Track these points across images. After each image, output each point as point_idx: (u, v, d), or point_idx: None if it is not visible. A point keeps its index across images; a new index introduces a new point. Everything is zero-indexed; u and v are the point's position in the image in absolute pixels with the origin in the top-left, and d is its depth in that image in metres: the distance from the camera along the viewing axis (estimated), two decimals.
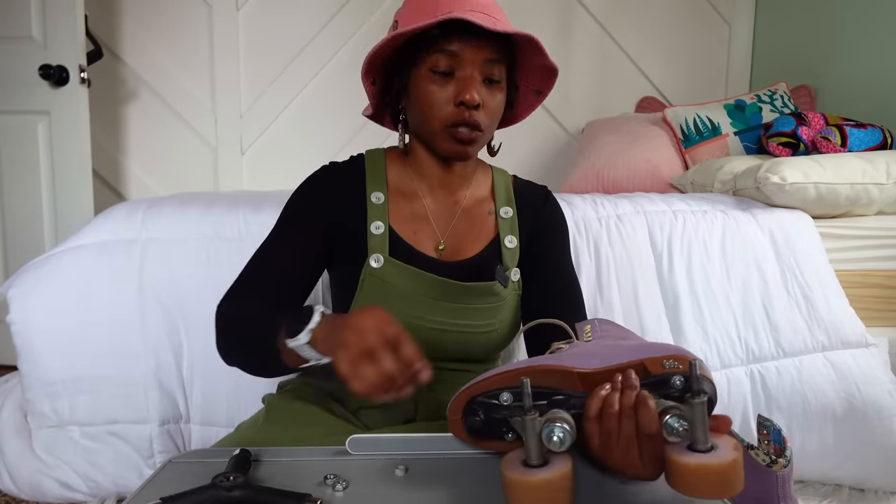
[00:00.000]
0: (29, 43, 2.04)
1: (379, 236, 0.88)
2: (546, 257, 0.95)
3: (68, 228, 2.05)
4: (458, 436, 0.65)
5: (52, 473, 1.20)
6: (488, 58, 0.83)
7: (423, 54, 0.84)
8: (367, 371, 0.58)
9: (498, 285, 0.89)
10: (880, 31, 2.07)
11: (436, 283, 0.87)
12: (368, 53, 0.84)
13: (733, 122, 2.11)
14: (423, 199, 0.93)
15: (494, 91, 0.86)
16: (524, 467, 0.54)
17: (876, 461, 1.31)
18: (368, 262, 0.87)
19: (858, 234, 1.50)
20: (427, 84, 0.84)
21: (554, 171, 2.63)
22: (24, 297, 1.20)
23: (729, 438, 0.53)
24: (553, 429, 0.54)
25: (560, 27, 2.71)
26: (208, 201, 1.36)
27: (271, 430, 0.87)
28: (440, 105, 0.84)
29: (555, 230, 0.98)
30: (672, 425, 0.53)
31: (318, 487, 0.59)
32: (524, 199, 0.98)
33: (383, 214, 0.90)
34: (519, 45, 0.87)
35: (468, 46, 0.82)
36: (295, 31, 2.59)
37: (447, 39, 0.82)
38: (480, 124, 0.84)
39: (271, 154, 2.64)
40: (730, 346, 1.34)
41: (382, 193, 0.91)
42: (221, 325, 0.83)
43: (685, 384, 0.57)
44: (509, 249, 0.93)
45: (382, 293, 0.87)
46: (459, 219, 0.93)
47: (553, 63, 0.89)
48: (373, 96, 0.93)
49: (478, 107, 0.83)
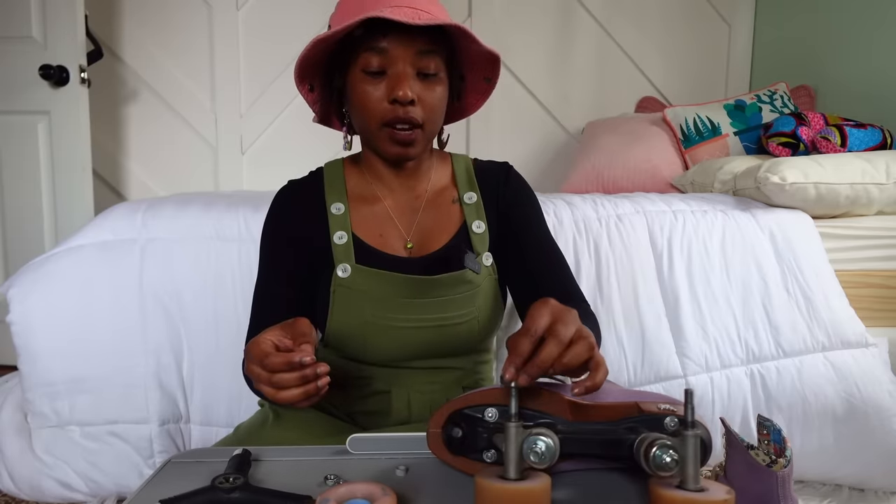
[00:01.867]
0: (29, 43, 2.04)
1: (342, 246, 0.88)
2: (521, 231, 0.94)
3: (68, 228, 2.05)
4: (434, 450, 0.62)
5: (52, 473, 1.20)
6: (419, 50, 0.81)
7: (353, 56, 0.83)
8: (283, 394, 0.63)
9: (469, 272, 0.88)
10: (880, 31, 2.07)
11: (405, 282, 0.87)
12: (297, 60, 0.84)
13: (733, 122, 2.11)
14: (385, 200, 0.93)
15: (432, 84, 0.84)
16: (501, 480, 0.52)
17: (876, 461, 1.31)
18: (336, 273, 0.87)
19: (858, 234, 1.50)
20: (361, 84, 0.83)
21: (554, 171, 2.62)
22: (24, 297, 1.20)
23: (722, 485, 0.52)
24: (536, 440, 0.52)
25: (560, 27, 2.71)
26: (208, 201, 1.36)
27: (271, 432, 0.87)
28: (374, 104, 0.83)
29: (523, 204, 0.96)
30: (660, 457, 0.52)
31: (318, 487, 0.59)
32: (486, 180, 0.96)
33: (345, 224, 0.90)
34: (454, 35, 0.86)
35: (396, 42, 0.80)
36: (295, 31, 2.59)
37: (374, 38, 0.81)
38: (417, 120, 0.83)
39: (271, 154, 2.64)
40: (730, 346, 1.34)
41: (343, 203, 0.91)
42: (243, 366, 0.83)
43: (678, 425, 0.56)
44: (477, 234, 0.92)
45: (354, 301, 0.86)
46: (423, 213, 0.92)
47: (491, 49, 0.86)
48: (313, 102, 0.93)
49: (413, 102, 0.82)
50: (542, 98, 2.72)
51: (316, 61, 0.86)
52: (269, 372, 0.63)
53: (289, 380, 0.62)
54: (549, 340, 0.56)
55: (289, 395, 0.63)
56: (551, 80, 2.71)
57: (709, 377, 1.32)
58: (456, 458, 0.61)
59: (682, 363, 1.33)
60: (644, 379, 1.32)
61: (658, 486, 0.52)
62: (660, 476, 0.53)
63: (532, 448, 0.52)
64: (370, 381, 0.90)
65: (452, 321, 0.88)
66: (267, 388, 0.63)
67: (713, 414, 1.31)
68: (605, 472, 0.62)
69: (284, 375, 0.62)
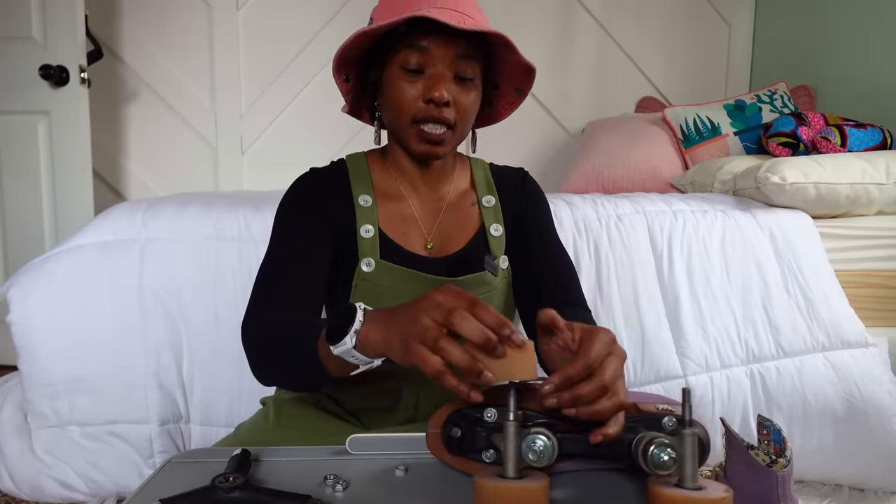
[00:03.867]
0: (29, 43, 2.04)
1: (369, 240, 0.88)
2: (531, 234, 0.95)
3: (68, 228, 2.05)
4: (434, 450, 0.62)
5: (52, 473, 1.20)
6: (459, 54, 0.82)
7: (393, 51, 0.83)
8: (450, 349, 0.52)
9: (488, 274, 0.89)
10: (880, 31, 2.06)
11: (428, 282, 0.87)
12: (337, 50, 0.84)
13: (733, 122, 2.11)
14: (409, 199, 0.93)
15: (467, 89, 0.85)
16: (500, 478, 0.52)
17: (876, 461, 1.31)
18: (360, 267, 0.86)
19: (858, 234, 1.50)
20: (397, 80, 0.84)
21: (554, 171, 2.62)
22: (24, 297, 1.20)
23: (720, 484, 0.52)
24: (535, 439, 0.52)
25: (560, 27, 2.71)
26: (208, 201, 1.36)
27: (271, 433, 0.87)
28: (409, 101, 0.83)
29: (537, 206, 0.98)
30: (658, 456, 0.52)
31: (318, 488, 0.59)
32: (504, 184, 0.98)
33: (372, 217, 0.89)
34: (494, 43, 0.86)
35: (438, 43, 0.81)
36: (295, 31, 2.59)
37: (416, 36, 0.81)
38: (450, 120, 0.83)
39: (271, 154, 2.64)
40: (730, 346, 1.34)
41: (370, 196, 0.91)
42: (251, 348, 0.78)
43: (676, 425, 0.56)
44: (495, 237, 0.93)
45: (375, 296, 0.86)
46: (444, 215, 0.93)
47: (528, 62, 0.87)
48: (346, 93, 0.93)
49: (448, 104, 0.82)
50: (542, 98, 2.72)
51: (355, 53, 0.87)
52: (458, 321, 0.52)
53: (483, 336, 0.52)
54: (594, 378, 0.56)
55: (459, 360, 0.52)
56: (551, 80, 2.71)
57: (709, 377, 1.32)
58: (455, 458, 0.61)
59: (682, 363, 1.33)
60: (644, 379, 1.32)
61: (656, 484, 0.52)
62: (658, 475, 0.53)
63: (531, 447, 0.52)
64: (381, 376, 0.90)
65: None
66: (426, 344, 0.52)
67: (713, 414, 1.31)
68: (603, 471, 0.62)
69: (474, 332, 0.52)
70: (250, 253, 1.27)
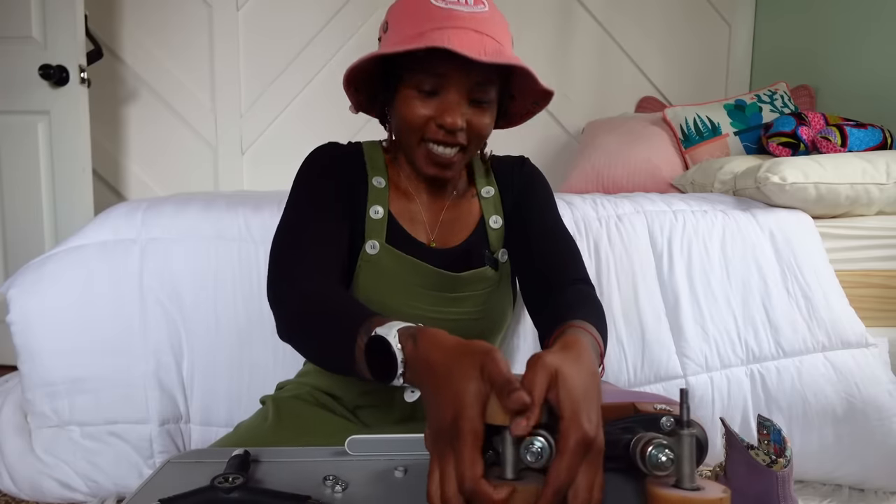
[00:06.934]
0: (29, 43, 2.04)
1: (377, 221, 0.88)
2: (532, 211, 0.94)
3: (68, 228, 2.05)
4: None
5: (52, 473, 1.20)
6: (477, 81, 0.80)
7: (409, 72, 0.81)
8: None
9: (489, 269, 0.90)
10: (880, 31, 2.06)
11: (430, 273, 0.87)
12: (349, 68, 0.82)
13: (733, 122, 2.11)
14: (418, 196, 0.93)
15: (482, 110, 0.83)
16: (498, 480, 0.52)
17: (876, 461, 1.31)
18: (364, 249, 0.87)
19: (858, 234, 1.50)
20: (410, 100, 0.82)
21: (554, 171, 2.61)
22: (24, 297, 1.20)
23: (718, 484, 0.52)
24: (533, 440, 0.51)
25: (560, 27, 2.71)
26: (208, 201, 1.36)
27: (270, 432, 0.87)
28: (420, 121, 0.82)
29: (535, 187, 0.97)
30: (656, 456, 0.52)
31: (318, 488, 0.59)
32: (503, 173, 0.98)
33: (384, 199, 0.89)
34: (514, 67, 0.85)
35: (455, 70, 0.79)
36: (295, 31, 2.59)
37: (432, 62, 0.78)
38: (462, 142, 0.83)
39: (271, 154, 2.64)
40: (730, 346, 1.34)
41: (383, 178, 0.91)
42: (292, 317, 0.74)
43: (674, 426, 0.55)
44: (494, 230, 0.93)
45: (377, 279, 0.87)
46: (447, 211, 0.94)
47: (547, 87, 0.86)
48: (356, 103, 0.92)
49: (462, 128, 0.81)
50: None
51: (365, 69, 0.85)
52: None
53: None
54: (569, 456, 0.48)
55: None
56: (551, 80, 2.69)
57: (709, 377, 1.32)
58: None
59: (681, 363, 1.33)
60: (644, 379, 1.32)
61: (654, 485, 0.52)
62: (656, 475, 0.53)
63: (529, 448, 0.52)
64: None
65: (469, 316, 0.90)
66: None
67: (713, 414, 1.31)
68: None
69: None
70: (250, 253, 1.27)
